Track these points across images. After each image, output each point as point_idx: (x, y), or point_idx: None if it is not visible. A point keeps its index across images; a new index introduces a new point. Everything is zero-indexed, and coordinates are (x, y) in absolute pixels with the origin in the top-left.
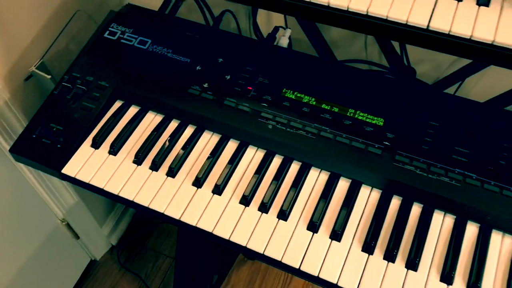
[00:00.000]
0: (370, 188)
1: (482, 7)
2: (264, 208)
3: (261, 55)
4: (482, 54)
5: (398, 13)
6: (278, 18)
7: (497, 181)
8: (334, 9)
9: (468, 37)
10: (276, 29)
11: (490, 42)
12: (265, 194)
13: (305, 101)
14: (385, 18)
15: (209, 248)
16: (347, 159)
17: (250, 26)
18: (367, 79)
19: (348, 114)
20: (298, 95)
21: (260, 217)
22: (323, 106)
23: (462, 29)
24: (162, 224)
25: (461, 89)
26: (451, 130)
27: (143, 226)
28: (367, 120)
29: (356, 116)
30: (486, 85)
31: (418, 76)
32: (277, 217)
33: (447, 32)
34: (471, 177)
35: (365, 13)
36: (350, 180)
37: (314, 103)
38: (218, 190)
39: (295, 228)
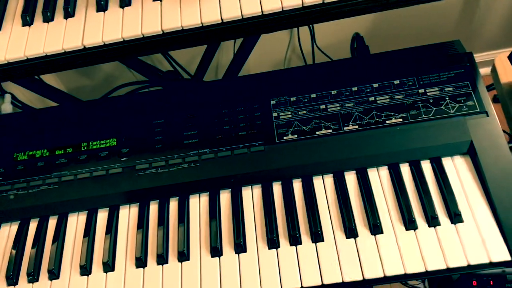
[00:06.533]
0: (128, 206)
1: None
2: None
3: None
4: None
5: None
6: None
7: (227, 145)
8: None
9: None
10: None
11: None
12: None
13: (38, 156)
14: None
15: None
16: (94, 191)
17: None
18: (102, 107)
19: (82, 149)
20: (30, 153)
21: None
22: (57, 152)
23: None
24: None
25: (247, 68)
26: (176, 120)
27: None
28: (101, 146)
29: (90, 147)
30: (258, 55)
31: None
32: (49, 279)
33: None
34: (205, 153)
35: (81, 47)
36: (108, 208)
37: (47, 154)
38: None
39: (69, 282)
